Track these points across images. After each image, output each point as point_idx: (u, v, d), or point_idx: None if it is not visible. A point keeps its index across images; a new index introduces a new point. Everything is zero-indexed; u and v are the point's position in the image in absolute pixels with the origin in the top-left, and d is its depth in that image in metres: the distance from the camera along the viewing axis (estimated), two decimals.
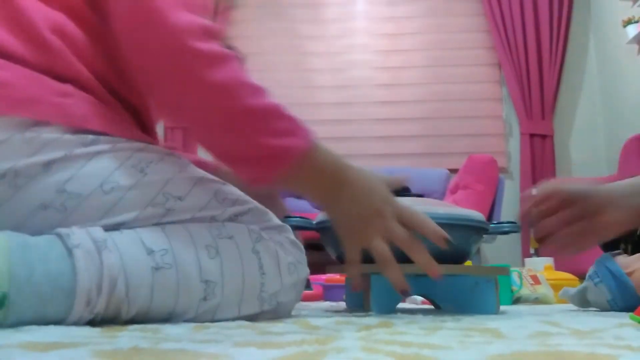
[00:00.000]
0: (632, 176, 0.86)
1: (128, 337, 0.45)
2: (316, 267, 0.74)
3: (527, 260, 1.92)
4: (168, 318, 0.62)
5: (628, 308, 0.93)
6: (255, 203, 0.71)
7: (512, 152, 3.61)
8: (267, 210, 0.73)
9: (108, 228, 0.61)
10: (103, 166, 0.63)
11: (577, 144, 3.57)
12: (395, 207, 0.73)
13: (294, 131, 0.67)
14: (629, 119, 3.16)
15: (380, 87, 3.68)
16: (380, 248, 0.71)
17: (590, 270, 1.01)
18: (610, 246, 1.08)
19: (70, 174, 0.61)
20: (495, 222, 0.92)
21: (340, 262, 0.90)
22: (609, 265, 0.98)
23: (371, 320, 0.65)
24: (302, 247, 0.74)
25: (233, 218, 0.69)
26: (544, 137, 3.52)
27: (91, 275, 0.56)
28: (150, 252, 0.61)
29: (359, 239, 0.72)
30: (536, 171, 3.45)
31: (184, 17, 0.63)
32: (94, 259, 0.57)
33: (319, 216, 0.88)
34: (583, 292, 1.02)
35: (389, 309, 0.82)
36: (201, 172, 0.70)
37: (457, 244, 0.85)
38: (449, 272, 0.85)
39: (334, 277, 1.49)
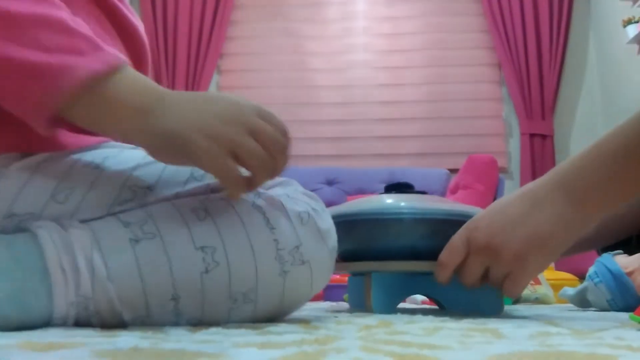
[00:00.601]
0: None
1: (128, 337, 0.45)
2: None
3: None
4: (174, 306, 0.55)
5: (628, 308, 0.93)
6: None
7: (512, 152, 3.61)
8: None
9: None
10: (48, 177, 0.57)
11: (577, 144, 3.57)
12: (252, 116, 0.56)
13: (81, 50, 0.53)
14: None
15: (381, 87, 3.68)
16: (227, 166, 0.54)
17: (590, 270, 1.02)
18: (608, 249, 1.08)
19: (12, 196, 0.56)
20: None
21: (341, 261, 0.90)
22: (609, 265, 0.98)
23: (371, 320, 0.65)
24: (315, 195, 0.66)
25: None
26: (544, 137, 3.52)
27: (58, 248, 0.52)
28: (127, 224, 0.55)
29: (214, 156, 0.54)
30: (536, 171, 3.45)
31: None
32: (60, 234, 0.53)
33: None
34: (583, 292, 1.02)
35: (389, 308, 0.82)
36: None
37: None
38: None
39: (334, 277, 1.48)
